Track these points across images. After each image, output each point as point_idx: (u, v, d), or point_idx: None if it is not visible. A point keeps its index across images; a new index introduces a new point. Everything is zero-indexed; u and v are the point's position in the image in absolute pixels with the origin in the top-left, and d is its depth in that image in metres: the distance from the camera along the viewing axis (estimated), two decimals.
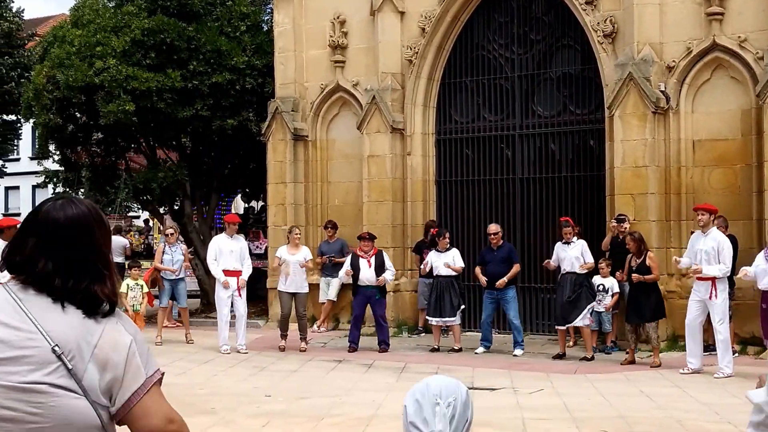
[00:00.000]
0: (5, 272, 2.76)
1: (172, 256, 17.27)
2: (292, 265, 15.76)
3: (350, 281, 15.96)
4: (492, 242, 15.37)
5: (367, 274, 15.48)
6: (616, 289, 14.64)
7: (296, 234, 16.23)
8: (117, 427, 2.79)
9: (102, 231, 2.84)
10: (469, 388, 11.14)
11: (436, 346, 15.67)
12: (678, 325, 13.94)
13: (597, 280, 14.90)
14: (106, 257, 2.83)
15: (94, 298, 2.72)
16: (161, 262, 17.17)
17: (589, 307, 14.35)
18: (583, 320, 14.34)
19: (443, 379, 2.98)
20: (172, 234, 17.74)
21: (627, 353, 13.92)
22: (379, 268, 15.48)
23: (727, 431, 9.40)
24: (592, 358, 14.29)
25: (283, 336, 15.97)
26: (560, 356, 14.56)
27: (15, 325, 2.64)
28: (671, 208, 15.29)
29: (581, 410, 10.48)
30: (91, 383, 2.64)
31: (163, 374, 2.83)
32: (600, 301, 14.77)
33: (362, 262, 15.52)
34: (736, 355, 14.08)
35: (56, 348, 2.60)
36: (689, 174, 15.31)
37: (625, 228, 14.53)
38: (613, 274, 14.67)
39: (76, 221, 2.77)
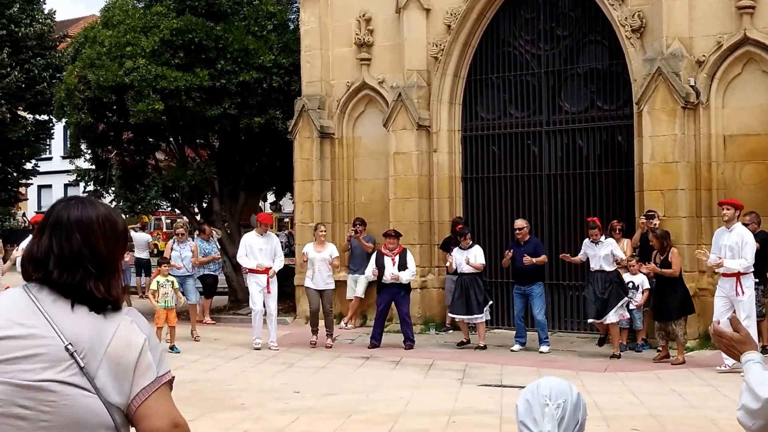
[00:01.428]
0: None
1: (180, 253, 17.31)
2: (318, 263, 15.60)
3: (376, 279, 15.76)
4: (518, 237, 15.10)
5: (392, 272, 15.28)
6: (647, 286, 14.31)
7: (322, 231, 16.05)
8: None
9: (104, 233, 2.75)
10: (497, 386, 10.83)
11: (465, 340, 15.46)
12: (709, 323, 13.53)
13: (627, 277, 14.60)
14: (103, 259, 2.74)
15: (90, 295, 2.67)
16: (170, 258, 17.15)
17: (620, 303, 14.08)
18: (612, 317, 14.05)
19: (554, 381, 3.02)
20: (182, 234, 17.74)
21: (659, 350, 13.60)
22: (402, 267, 15.30)
23: None
24: (620, 357, 13.99)
25: (314, 332, 15.77)
26: (602, 341, 14.43)
27: (31, 323, 2.61)
28: (702, 205, 14.90)
29: (612, 409, 10.18)
30: (103, 383, 2.61)
31: (173, 378, 2.77)
32: (630, 298, 14.47)
33: (387, 260, 15.34)
34: None
35: (69, 346, 2.58)
36: (720, 169, 14.92)
37: (655, 224, 14.21)
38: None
39: (78, 222, 2.74)
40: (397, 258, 15.34)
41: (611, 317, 14.04)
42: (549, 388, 2.97)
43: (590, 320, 14.58)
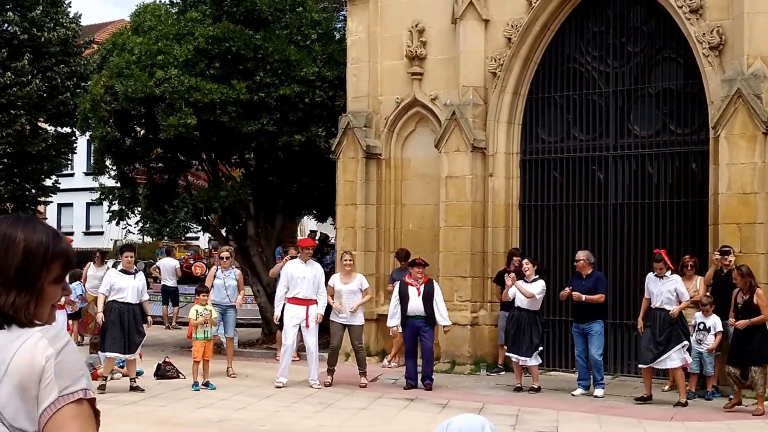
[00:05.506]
0: None
1: (224, 281, 17.27)
2: (345, 295, 15.91)
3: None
4: (577, 269, 15.35)
5: (416, 304, 15.53)
6: (719, 328, 14.42)
7: (347, 260, 16.34)
8: None
9: (26, 249, 2.76)
10: None
11: (518, 385, 15.66)
12: None
13: (698, 317, 14.75)
14: (14, 273, 2.75)
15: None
16: (211, 287, 17.07)
17: (679, 347, 14.19)
18: (673, 362, 14.20)
19: (467, 419, 3.16)
20: (227, 258, 17.70)
21: (731, 398, 13.76)
22: (427, 298, 15.51)
23: None
24: (686, 404, 14.11)
25: (330, 371, 16.03)
26: (645, 399, 14.45)
27: None
28: None
29: None
30: (6, 405, 2.59)
31: (91, 398, 2.67)
32: (701, 341, 14.62)
33: (411, 290, 15.59)
34: None
35: None
36: None
37: (730, 261, 14.34)
38: (716, 311, 14.48)
39: (2, 239, 2.77)
40: (422, 288, 15.58)
41: (671, 361, 14.17)
42: (459, 426, 3.12)
43: (642, 366, 14.70)
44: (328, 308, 16.14)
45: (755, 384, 13.45)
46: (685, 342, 14.32)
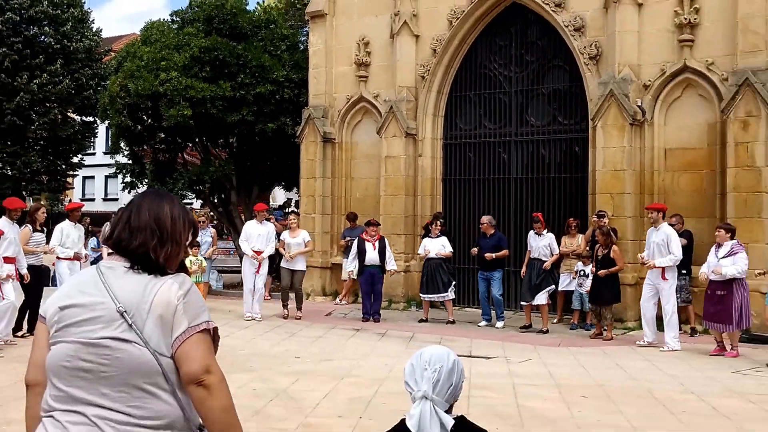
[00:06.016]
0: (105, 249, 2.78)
1: (201, 239, 17.10)
2: (293, 247, 15.58)
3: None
4: (482, 230, 15.07)
5: (372, 256, 15.31)
6: None
7: (291, 220, 16.09)
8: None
9: (172, 215, 2.85)
10: (467, 356, 10.62)
11: (424, 318, 15.42)
12: None
13: (579, 266, 14.55)
14: (168, 232, 2.83)
15: (148, 257, 2.75)
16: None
17: (548, 288, 14.21)
18: (541, 300, 14.18)
19: (435, 349, 3.09)
20: (203, 222, 17.70)
21: (596, 328, 13.66)
22: (381, 252, 15.30)
23: (690, 400, 8.99)
24: (547, 331, 14.02)
25: (285, 306, 15.69)
26: (526, 327, 14.32)
27: (93, 293, 2.73)
28: (645, 206, 14.76)
29: (564, 378, 10.09)
30: (150, 335, 2.67)
31: (214, 328, 2.76)
32: (581, 284, 14.44)
33: (368, 246, 15.34)
34: (698, 334, 13.65)
35: (120, 307, 2.67)
36: (661, 177, 14.81)
37: (605, 222, 14.10)
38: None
39: (151, 202, 2.86)
40: (377, 243, 15.33)
41: (540, 299, 14.16)
42: (430, 355, 3.05)
43: (523, 303, 14.62)
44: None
45: (605, 318, 13.36)
46: (552, 286, 14.30)
